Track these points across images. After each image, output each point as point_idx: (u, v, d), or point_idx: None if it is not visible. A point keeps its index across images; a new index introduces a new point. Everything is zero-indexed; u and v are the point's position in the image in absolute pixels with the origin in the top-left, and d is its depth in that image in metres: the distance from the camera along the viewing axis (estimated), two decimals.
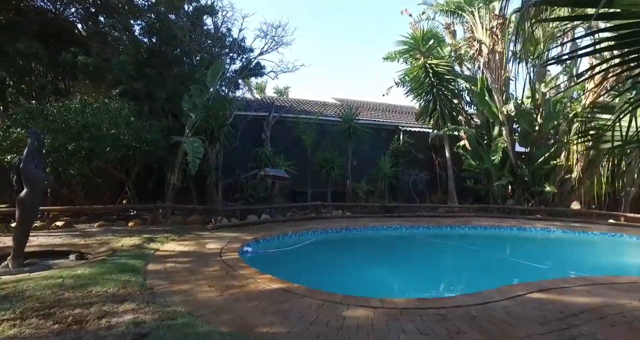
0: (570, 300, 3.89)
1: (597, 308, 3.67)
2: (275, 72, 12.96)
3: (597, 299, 3.97)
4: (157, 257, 5.33)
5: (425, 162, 14.54)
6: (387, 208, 11.47)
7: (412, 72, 12.08)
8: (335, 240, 8.45)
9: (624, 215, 12.23)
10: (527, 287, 4.22)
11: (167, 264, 4.92)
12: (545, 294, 4.05)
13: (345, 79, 44.49)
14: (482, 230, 10.02)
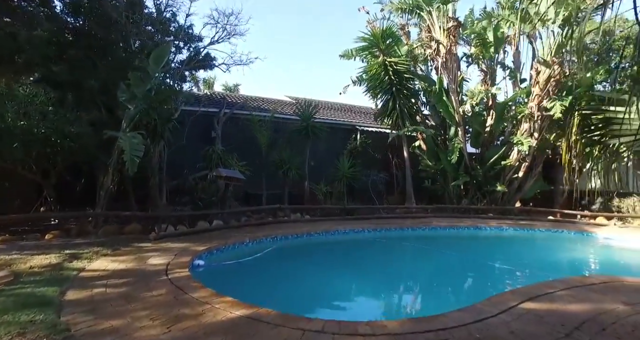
0: (563, 309, 3.64)
1: (593, 317, 3.44)
2: (227, 64, 11.96)
3: (586, 306, 3.77)
4: (81, 280, 4.23)
5: (382, 163, 14.42)
6: (347, 210, 11.04)
7: (371, 69, 11.80)
8: (298, 247, 7.78)
9: (560, 212, 13.12)
10: (515, 296, 3.92)
11: (95, 290, 3.88)
12: (536, 302, 3.77)
13: (298, 77, 43.89)
14: (442, 231, 9.98)
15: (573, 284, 4.59)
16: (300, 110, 12.19)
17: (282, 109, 14.56)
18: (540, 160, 12.97)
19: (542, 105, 11.42)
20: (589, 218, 12.56)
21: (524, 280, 6.00)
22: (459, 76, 11.76)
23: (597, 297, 4.09)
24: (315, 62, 44.31)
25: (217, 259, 6.00)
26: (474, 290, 5.56)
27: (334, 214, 10.94)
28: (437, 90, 11.66)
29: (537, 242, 9.75)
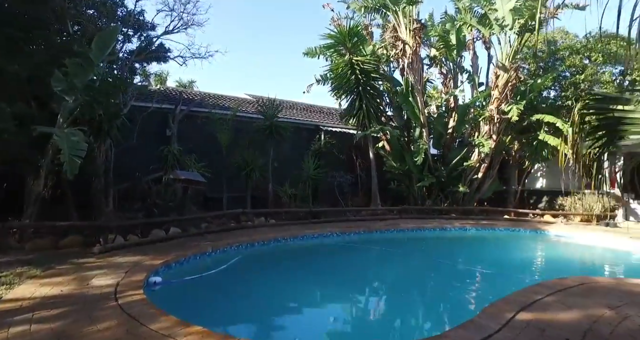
0: (558, 319, 3.49)
1: (589, 326, 3.32)
2: (183, 57, 10.99)
3: (577, 313, 3.67)
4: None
5: (347, 164, 14.20)
6: (313, 213, 10.61)
7: (337, 68, 11.49)
8: (266, 256, 7.21)
9: (514, 211, 13.78)
10: (509, 306, 3.74)
11: (15, 329, 2.99)
12: (530, 312, 3.60)
13: (259, 75, 42.67)
14: (410, 233, 9.92)
15: (554, 287, 4.54)
16: (263, 109, 11.57)
17: (244, 107, 13.81)
18: (497, 162, 13.49)
19: (500, 109, 11.85)
20: (539, 216, 13.30)
21: (502, 283, 5.96)
22: (424, 78, 11.82)
23: (582, 302, 4.03)
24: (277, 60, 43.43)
25: (177, 274, 5.27)
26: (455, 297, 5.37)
27: (300, 217, 10.46)
28: (403, 90, 11.64)
29: (500, 242, 10.01)
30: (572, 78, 13.09)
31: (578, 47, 12.88)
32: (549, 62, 13.84)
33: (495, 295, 5.33)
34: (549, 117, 11.78)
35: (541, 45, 13.98)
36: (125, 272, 4.75)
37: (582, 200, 13.32)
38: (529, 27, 10.94)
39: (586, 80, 12.42)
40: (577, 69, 12.87)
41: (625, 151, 13.29)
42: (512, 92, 12.00)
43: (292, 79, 45.09)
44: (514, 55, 11.64)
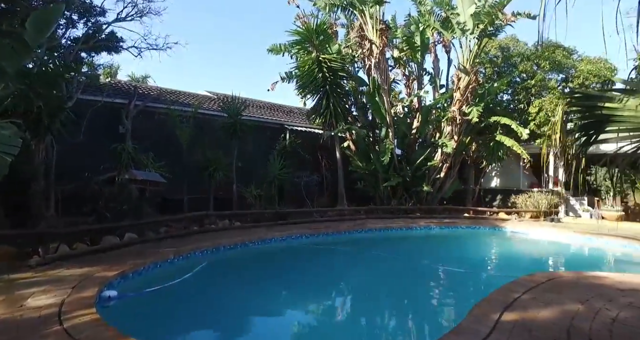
0: (540, 318, 3.49)
1: (570, 323, 3.36)
2: (138, 48, 10.13)
3: (556, 310, 3.72)
4: None
5: (313, 164, 13.99)
6: (280, 214, 10.26)
7: (304, 65, 11.22)
8: (233, 261, 6.77)
9: (473, 209, 14.39)
10: (492, 307, 3.70)
11: None
12: (514, 312, 3.58)
13: (219, 72, 41.11)
14: (378, 233, 9.92)
15: (527, 285, 4.62)
16: (227, 107, 11.02)
17: (205, 104, 13.08)
18: (458, 162, 13.96)
19: (462, 110, 12.25)
20: (495, 214, 13.98)
21: (475, 282, 6.06)
22: (390, 78, 11.91)
23: (556, 298, 4.11)
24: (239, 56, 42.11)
25: (136, 285, 4.71)
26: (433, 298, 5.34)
27: (266, 219, 10.05)
28: (370, 90, 11.63)
29: (464, 240, 10.30)
30: (524, 83, 13.90)
31: (529, 54, 13.69)
32: (503, 67, 14.59)
33: (472, 294, 5.42)
34: (505, 119, 12.39)
35: (495, 51, 14.74)
36: (71, 287, 4.13)
37: (532, 198, 14.21)
38: (488, 32, 11.42)
39: (536, 86, 13.23)
40: (528, 74, 13.67)
41: (567, 152, 14.22)
42: (472, 94, 12.47)
43: (256, 77, 44.09)
44: (474, 58, 12.09)
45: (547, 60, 13.14)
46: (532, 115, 13.00)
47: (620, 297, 4.36)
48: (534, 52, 13.57)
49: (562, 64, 13.14)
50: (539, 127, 12.92)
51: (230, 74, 41.06)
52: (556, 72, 13.53)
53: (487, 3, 11.14)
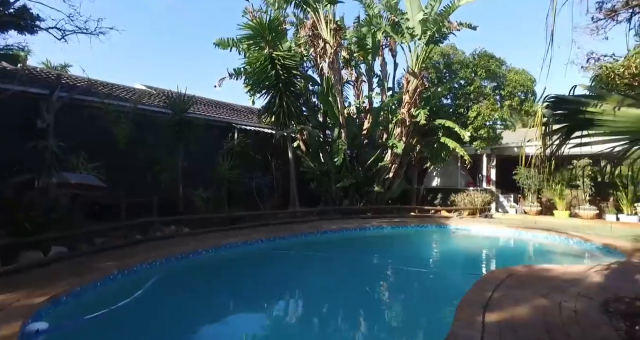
0: (518, 316, 3.60)
1: (545, 320, 3.51)
2: (61, 29, 8.72)
3: (527, 307, 3.86)
4: None
5: (263, 164, 13.50)
6: (232, 218, 9.67)
7: (256, 61, 10.69)
8: (188, 273, 6.12)
9: (418, 208, 15.10)
10: (473, 308, 3.73)
11: None
12: (494, 313, 3.63)
13: (154, 65, 38.02)
14: (334, 234, 9.83)
15: (493, 282, 4.80)
16: (171, 103, 10.10)
17: (145, 100, 11.85)
18: (405, 162, 14.50)
19: (410, 112, 12.72)
20: (438, 212, 14.81)
21: (440, 281, 6.19)
22: (343, 79, 11.91)
23: (523, 295, 4.31)
24: (181, 49, 39.38)
25: (72, 312, 3.94)
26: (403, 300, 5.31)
27: (217, 223, 9.41)
28: (324, 90, 11.51)
29: (416, 238, 10.65)
30: (463, 89, 14.92)
31: (467, 62, 14.71)
32: (445, 73, 15.50)
33: (443, 294, 5.52)
34: (449, 122, 13.14)
35: (438, 58, 15.61)
36: None
37: (469, 196, 15.33)
38: (435, 38, 12.00)
39: (474, 92, 14.26)
40: (467, 81, 14.69)
41: (497, 153, 15.63)
42: (420, 97, 13.03)
43: (198, 73, 41.73)
44: (421, 63, 12.62)
45: (483, 68, 14.22)
46: (470, 119, 13.98)
47: (569, 288, 4.73)
48: (472, 61, 14.61)
49: (495, 73, 14.32)
50: (477, 130, 13.95)
51: (168, 68, 38.35)
52: (490, 80, 14.70)
53: (433, 11, 11.69)
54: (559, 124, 2.97)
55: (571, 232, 9.99)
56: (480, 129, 13.81)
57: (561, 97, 3.18)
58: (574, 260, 7.58)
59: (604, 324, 3.55)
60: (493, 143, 14.64)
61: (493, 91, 14.89)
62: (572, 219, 14.17)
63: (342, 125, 12.21)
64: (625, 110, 2.76)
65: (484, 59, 14.61)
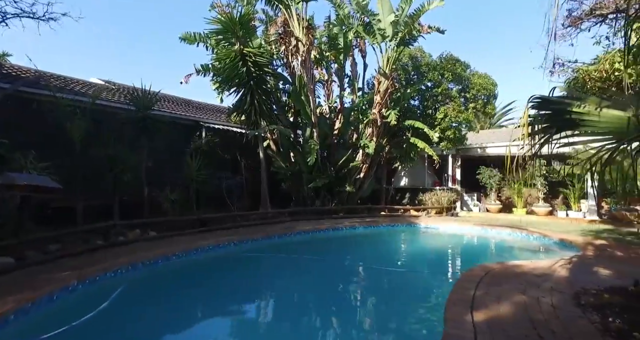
0: (504, 315, 3.64)
1: (529, 317, 3.59)
2: (3, 12, 7.81)
3: (509, 305, 3.93)
4: None
5: (232, 164, 13.07)
6: (202, 221, 9.23)
7: (226, 57, 10.28)
8: (158, 280, 5.68)
9: (388, 207, 15.34)
10: (460, 308, 3.74)
11: None
12: (481, 312, 3.64)
13: (114, 61, 35.72)
14: (308, 235, 9.67)
15: (471, 279, 4.90)
16: (134, 98, 9.46)
17: (103, 94, 11.04)
18: (376, 162, 14.65)
19: (381, 113, 12.85)
20: (408, 211, 15.12)
21: (420, 280, 6.22)
22: (315, 78, 11.79)
23: (502, 292, 4.40)
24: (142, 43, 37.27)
25: (25, 332, 3.48)
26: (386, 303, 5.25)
27: (185, 226, 8.91)
28: (296, 89, 11.31)
29: (389, 238, 10.73)
30: (431, 91, 15.34)
31: (435, 65, 15.14)
32: (413, 75, 15.85)
33: (423, 294, 5.54)
34: (418, 123, 13.43)
35: (407, 60, 15.94)
36: None
37: (436, 195, 15.80)
38: (406, 40, 12.21)
39: (442, 94, 14.70)
40: (434, 83, 15.12)
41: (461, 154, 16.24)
42: (390, 98, 13.20)
43: (162, 69, 39.80)
44: (392, 64, 12.79)
45: (450, 72, 14.70)
46: (438, 120, 14.39)
47: (542, 283, 4.92)
48: (439, 64, 15.05)
49: (461, 76, 14.85)
50: (444, 131, 14.38)
51: (128, 64, 36.28)
52: (456, 83, 15.23)
53: (404, 13, 11.89)
54: (546, 123, 3.05)
55: (530, 228, 10.56)
56: (447, 130, 14.25)
57: (545, 98, 3.26)
58: (538, 256, 7.95)
59: (580, 317, 3.69)
60: (458, 144, 15.16)
61: (459, 94, 15.42)
62: (529, 215, 15.03)
63: (315, 125, 12.07)
64: (606, 111, 2.87)
65: (450, 62, 15.10)
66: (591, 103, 3.09)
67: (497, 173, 15.96)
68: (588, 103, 3.08)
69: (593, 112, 2.80)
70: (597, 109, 2.88)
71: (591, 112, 2.82)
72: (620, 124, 2.70)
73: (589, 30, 5.03)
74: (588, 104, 3.06)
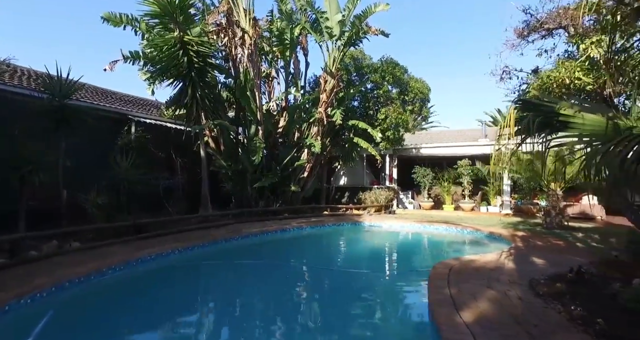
0: (486, 312, 3.69)
1: (507, 311, 3.70)
2: None
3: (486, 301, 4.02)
4: None
5: (167, 163, 11.87)
6: (138, 226, 8.13)
7: (163, 44, 9.19)
8: (92, 301, 4.73)
9: (330, 207, 15.42)
10: (447, 310, 3.70)
11: None
12: (464, 312, 3.65)
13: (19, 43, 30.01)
14: (256, 238, 9.19)
15: (442, 278, 4.96)
16: (47, 84, 7.94)
17: (7, 79, 9.11)
18: (320, 161, 14.57)
19: (327, 112, 12.78)
20: (350, 210, 15.35)
21: (385, 282, 6.17)
22: (262, 73, 11.24)
23: (472, 289, 4.51)
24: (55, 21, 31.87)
25: None
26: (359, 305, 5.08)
27: (118, 234, 7.74)
28: (241, 83, 10.63)
29: (338, 237, 10.70)
30: (373, 92, 15.78)
31: (376, 67, 15.59)
32: (355, 76, 16.15)
33: (392, 295, 5.49)
34: (362, 123, 13.68)
35: (349, 60, 16.17)
36: None
37: (374, 194, 16.34)
38: (352, 40, 12.30)
39: (383, 96, 15.20)
40: (376, 84, 15.57)
41: (398, 154, 17.03)
42: (336, 97, 13.21)
43: (79, 54, 34.68)
44: (338, 63, 12.81)
45: (391, 74, 15.27)
46: (379, 121, 14.85)
47: (499, 276, 5.21)
48: (380, 66, 15.54)
49: (400, 79, 15.53)
50: (384, 132, 14.88)
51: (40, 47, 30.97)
52: (396, 85, 15.88)
53: (350, 14, 11.97)
54: (533, 124, 3.20)
55: (462, 223, 11.43)
56: (387, 131, 14.77)
57: (527, 100, 3.40)
58: (481, 249, 8.54)
59: (545, 307, 3.94)
60: (397, 144, 15.84)
61: (398, 96, 16.10)
62: (457, 211, 16.39)
63: (260, 122, 11.52)
64: (587, 115, 3.07)
65: (390, 65, 15.67)
66: (563, 106, 3.29)
67: (429, 172, 17.07)
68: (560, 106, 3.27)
69: (578, 115, 2.96)
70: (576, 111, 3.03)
71: (577, 115, 2.97)
72: (600, 127, 2.88)
73: (533, 42, 5.58)
74: (560, 107, 3.25)
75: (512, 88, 7.20)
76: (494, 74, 6.61)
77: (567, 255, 6.72)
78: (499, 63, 5.69)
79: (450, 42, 44.87)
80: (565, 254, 6.88)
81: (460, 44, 44.77)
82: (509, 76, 6.92)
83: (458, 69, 50.24)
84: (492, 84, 49.71)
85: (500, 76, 7.00)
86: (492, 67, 6.69)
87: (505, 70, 6.93)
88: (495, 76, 6.90)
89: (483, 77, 51.86)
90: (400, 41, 41.94)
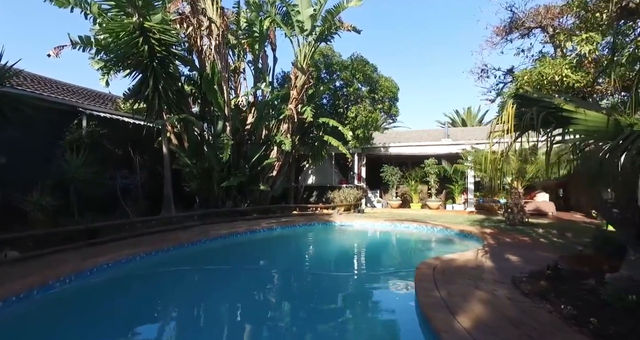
0: (480, 315, 3.55)
1: (500, 312, 3.58)
2: None
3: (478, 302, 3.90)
4: None
5: (123, 160, 10.89)
6: (91, 230, 7.28)
7: (121, 30, 8.33)
8: (40, 320, 4.03)
9: (299, 206, 15.08)
10: (441, 313, 3.52)
11: None
12: (460, 316, 3.48)
13: None
14: (225, 240, 8.68)
15: (428, 279, 4.81)
16: None
17: None
18: (288, 159, 14.16)
19: (297, 109, 12.40)
20: (319, 209, 15.08)
21: (367, 283, 5.93)
22: (231, 66, 10.63)
23: (460, 290, 4.39)
24: None
25: None
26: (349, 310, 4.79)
27: (66, 239, 6.84)
28: (208, 76, 9.96)
29: (311, 238, 10.36)
30: (343, 90, 15.60)
31: (347, 64, 15.43)
32: (325, 73, 15.89)
33: (385, 299, 5.26)
34: (333, 121, 13.44)
35: (319, 57, 15.88)
36: None
37: (343, 193, 16.22)
38: (324, 36, 12.01)
39: (353, 94, 15.07)
40: (346, 82, 15.41)
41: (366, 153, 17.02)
42: (306, 94, 12.86)
43: (17, 38, 31.15)
44: (309, 59, 12.46)
45: (361, 72, 15.17)
46: (349, 119, 14.70)
47: (482, 275, 5.17)
48: (350, 64, 15.40)
49: (371, 77, 15.48)
50: (354, 130, 14.77)
51: None
52: (366, 83, 15.81)
53: (322, 8, 11.67)
54: (537, 118, 3.09)
55: (431, 221, 11.55)
56: (357, 130, 14.67)
57: (526, 96, 3.28)
58: (454, 247, 8.57)
59: (535, 307, 3.88)
60: (366, 143, 15.80)
61: (368, 94, 16.05)
62: (424, 209, 16.67)
63: (228, 118, 10.91)
64: (588, 111, 2.99)
65: (360, 63, 15.57)
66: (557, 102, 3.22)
67: (398, 171, 17.23)
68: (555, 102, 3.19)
69: (580, 111, 2.87)
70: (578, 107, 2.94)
71: (579, 111, 2.88)
72: (602, 124, 2.81)
73: (511, 42, 5.68)
74: (556, 103, 3.17)
75: (489, 87, 7.47)
76: (473, 72, 6.75)
77: (536, 251, 6.89)
78: (478, 61, 5.86)
79: (419, 44, 46.06)
80: (534, 250, 7.05)
81: (424, 47, 46.11)
82: (487, 75, 7.07)
83: (420, 70, 51.73)
84: (454, 86, 51.86)
85: (479, 75, 7.13)
86: (472, 66, 6.91)
87: (483, 68, 7.06)
88: (474, 74, 7.05)
89: (441, 79, 53.99)
90: (370, 39, 42.42)
